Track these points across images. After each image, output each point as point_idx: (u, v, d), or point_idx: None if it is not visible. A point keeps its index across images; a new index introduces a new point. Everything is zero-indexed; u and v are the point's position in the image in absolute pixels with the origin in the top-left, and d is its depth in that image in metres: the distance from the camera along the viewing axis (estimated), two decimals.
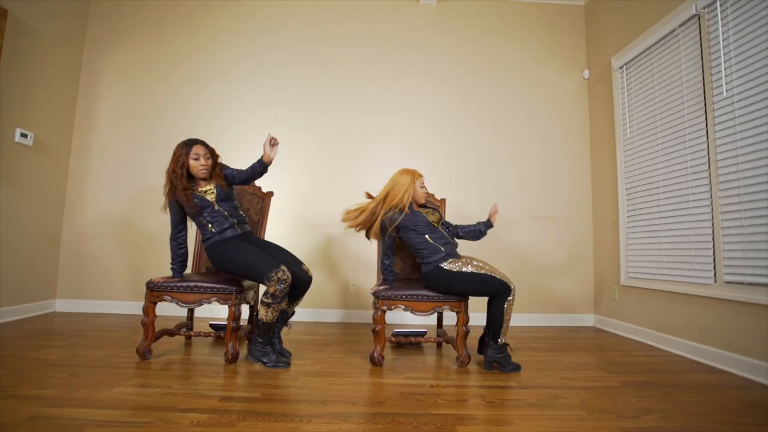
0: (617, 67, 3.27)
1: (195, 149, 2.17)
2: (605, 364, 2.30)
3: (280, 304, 2.07)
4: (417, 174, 2.36)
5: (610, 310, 3.28)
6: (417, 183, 2.34)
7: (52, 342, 2.42)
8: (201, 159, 2.17)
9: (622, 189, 3.20)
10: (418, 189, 2.34)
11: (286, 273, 2.02)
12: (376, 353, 2.18)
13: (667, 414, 1.60)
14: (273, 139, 2.13)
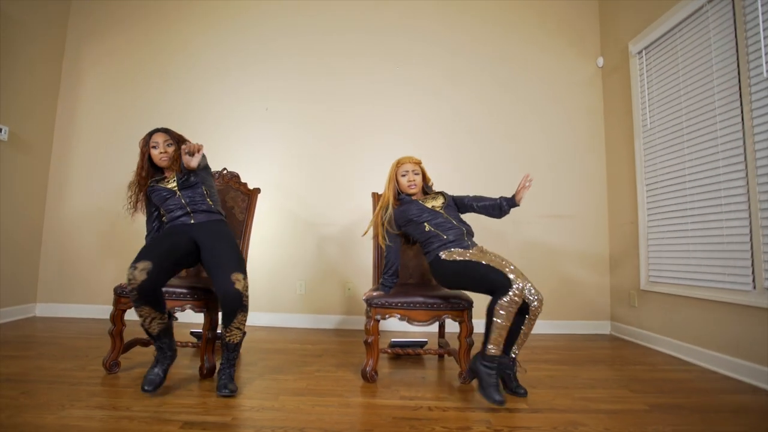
0: (635, 52, 3.00)
1: (153, 138, 1.97)
2: (628, 380, 2.03)
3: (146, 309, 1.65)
4: (398, 162, 2.09)
5: (629, 317, 3.01)
6: (399, 171, 2.07)
7: (18, 352, 2.22)
8: (160, 146, 1.96)
9: (642, 185, 2.92)
10: (399, 178, 2.07)
11: (135, 273, 1.61)
12: (368, 368, 1.95)
13: None
14: (188, 147, 1.75)
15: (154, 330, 1.72)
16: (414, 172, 2.05)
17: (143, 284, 1.61)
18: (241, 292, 1.69)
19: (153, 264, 1.65)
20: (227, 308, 1.70)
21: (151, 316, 1.69)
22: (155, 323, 1.71)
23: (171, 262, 1.74)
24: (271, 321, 3.19)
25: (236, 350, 1.78)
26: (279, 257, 3.26)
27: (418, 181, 2.06)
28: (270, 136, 3.38)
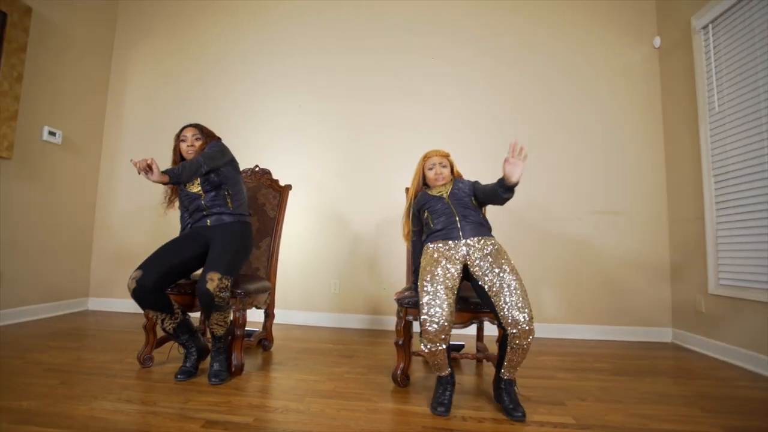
0: (699, 27, 2.67)
1: (183, 132, 2.02)
2: (696, 397, 1.78)
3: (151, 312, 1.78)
4: (425, 155, 1.98)
5: (695, 325, 2.68)
6: (426, 165, 1.95)
7: (64, 343, 2.32)
8: (188, 140, 1.99)
9: (709, 176, 2.60)
10: (427, 172, 1.94)
11: (129, 282, 1.74)
12: (398, 371, 1.83)
13: None
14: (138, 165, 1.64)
15: (169, 328, 1.81)
16: (441, 165, 1.92)
17: (135, 291, 1.73)
18: (210, 292, 1.68)
19: (143, 272, 1.74)
20: (202, 305, 1.73)
21: (159, 317, 1.78)
22: (167, 323, 1.80)
23: (170, 267, 1.81)
24: (305, 320, 3.16)
25: (222, 341, 1.81)
26: (313, 256, 3.23)
27: (446, 174, 1.91)
28: (303, 132, 3.36)
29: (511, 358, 1.52)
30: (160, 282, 1.77)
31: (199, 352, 1.87)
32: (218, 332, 1.80)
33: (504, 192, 1.65)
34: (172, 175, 1.71)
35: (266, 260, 2.41)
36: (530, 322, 1.45)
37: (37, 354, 2.09)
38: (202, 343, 1.89)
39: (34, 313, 2.90)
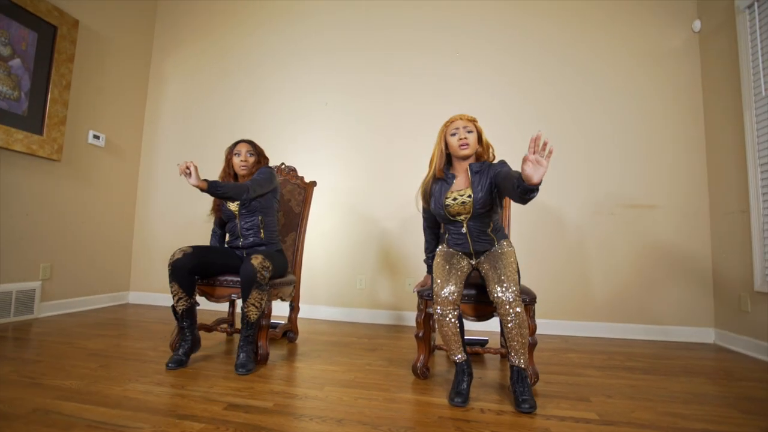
0: (744, 6, 2.51)
1: (237, 147, 2.15)
2: (735, 399, 1.67)
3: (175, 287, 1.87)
4: (448, 120, 1.77)
5: (739, 325, 2.51)
6: (448, 131, 1.75)
7: (106, 332, 2.48)
8: (242, 155, 2.13)
9: (754, 166, 2.43)
10: (449, 138, 1.75)
11: (176, 252, 1.90)
12: (419, 363, 1.84)
13: None
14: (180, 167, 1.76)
15: (180, 308, 1.89)
16: (466, 129, 1.72)
17: (177, 261, 1.86)
18: (254, 267, 1.81)
19: (193, 250, 1.91)
20: (244, 284, 1.83)
21: (178, 294, 1.89)
22: (180, 303, 1.89)
23: (210, 262, 1.97)
24: (331, 315, 3.22)
25: (253, 328, 1.88)
26: (339, 253, 3.28)
27: (472, 139, 1.71)
28: (327, 131, 3.42)
29: (510, 339, 1.53)
30: (197, 267, 1.91)
31: (192, 342, 1.92)
32: (253, 316, 1.86)
33: (524, 193, 1.38)
34: (212, 185, 1.79)
35: (292, 254, 2.48)
36: (513, 301, 1.48)
37: (82, 340, 2.25)
38: (197, 336, 1.95)
39: (81, 304, 3.12)
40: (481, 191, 1.67)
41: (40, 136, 2.75)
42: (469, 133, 1.72)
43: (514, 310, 1.49)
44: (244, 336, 1.89)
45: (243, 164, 2.12)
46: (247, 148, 2.15)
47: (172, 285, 1.87)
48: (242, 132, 3.54)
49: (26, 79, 2.67)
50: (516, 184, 1.40)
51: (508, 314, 1.49)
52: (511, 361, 1.57)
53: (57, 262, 2.94)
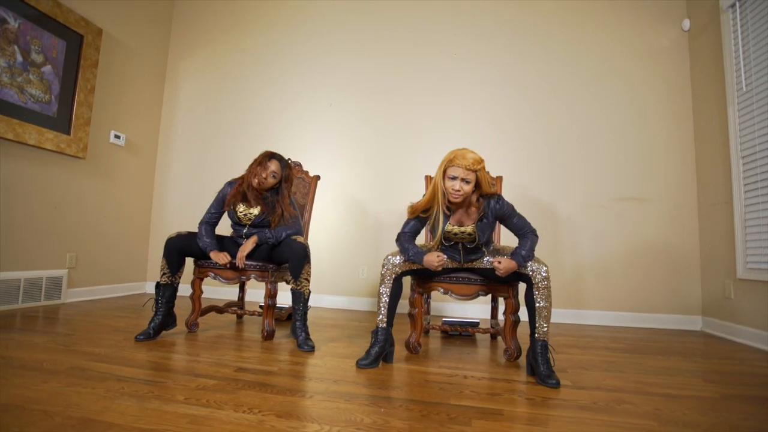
0: (726, 6, 2.62)
1: (269, 164, 2.17)
2: (704, 372, 1.80)
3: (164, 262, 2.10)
4: (451, 159, 1.68)
5: (724, 311, 2.62)
6: (448, 172, 1.70)
7: (127, 314, 2.70)
8: (267, 171, 2.15)
9: (737, 158, 2.54)
10: (447, 180, 1.71)
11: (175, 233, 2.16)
12: (411, 339, 2.00)
13: None
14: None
15: (162, 281, 2.09)
16: (464, 181, 1.67)
17: (170, 240, 2.11)
18: (304, 244, 2.06)
19: (188, 234, 2.17)
20: (294, 261, 2.02)
21: (163, 269, 2.10)
22: (164, 278, 2.10)
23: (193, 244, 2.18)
24: (334, 303, 3.39)
25: (307, 304, 2.07)
26: (343, 244, 3.46)
27: (466, 190, 1.68)
28: (332, 128, 3.61)
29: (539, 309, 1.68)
30: (186, 249, 2.15)
31: (163, 317, 2.06)
32: (306, 289, 2.05)
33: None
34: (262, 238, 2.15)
35: None
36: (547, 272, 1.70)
37: (106, 320, 2.46)
38: (172, 314, 2.13)
39: (102, 292, 3.35)
40: (485, 232, 1.79)
41: (67, 135, 2.99)
42: (466, 184, 1.67)
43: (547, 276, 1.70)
44: (302, 313, 2.05)
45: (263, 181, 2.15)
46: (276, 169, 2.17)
47: (162, 261, 2.09)
48: (253, 129, 3.76)
49: (56, 84, 2.92)
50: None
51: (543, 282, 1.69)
52: (535, 334, 1.67)
53: (81, 252, 3.17)
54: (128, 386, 1.37)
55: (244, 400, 1.30)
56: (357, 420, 1.17)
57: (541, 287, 1.69)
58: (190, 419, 1.14)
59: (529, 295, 1.73)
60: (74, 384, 1.37)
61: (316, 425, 1.13)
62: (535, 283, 1.70)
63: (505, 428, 1.15)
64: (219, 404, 1.25)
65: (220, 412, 1.20)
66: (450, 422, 1.18)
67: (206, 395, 1.32)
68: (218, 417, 1.16)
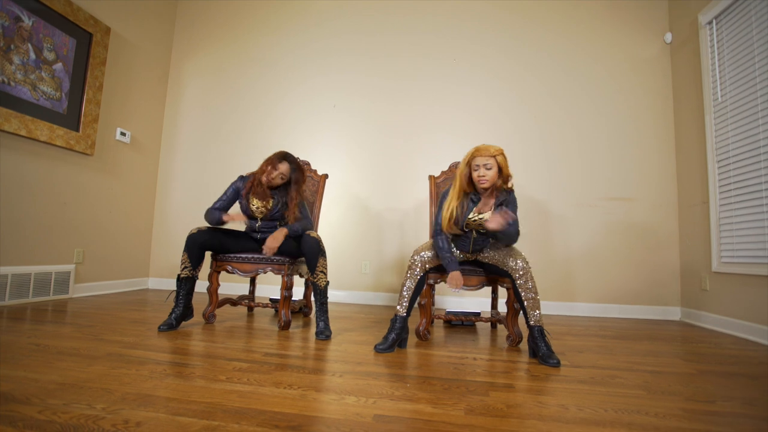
0: (705, 23, 2.85)
1: (280, 166, 2.30)
2: (684, 353, 2.01)
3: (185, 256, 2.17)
4: (473, 152, 1.93)
5: (700, 302, 2.86)
6: (472, 164, 1.93)
7: (139, 307, 2.77)
8: (276, 171, 2.29)
9: (713, 163, 2.77)
10: (472, 172, 1.94)
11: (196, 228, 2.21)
12: (421, 327, 2.15)
13: (753, 401, 1.35)
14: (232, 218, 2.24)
15: (182, 275, 2.17)
16: (486, 167, 1.89)
17: (192, 235, 2.17)
18: (317, 238, 2.17)
19: (209, 229, 2.23)
20: (309, 255, 2.15)
21: (185, 263, 2.17)
22: (185, 271, 2.17)
23: (223, 241, 2.28)
24: (338, 297, 3.52)
25: (325, 295, 2.18)
26: (347, 240, 3.59)
27: (490, 175, 1.89)
28: (337, 128, 3.73)
29: (524, 299, 1.86)
30: (207, 243, 2.21)
31: (183, 309, 2.17)
32: (322, 282, 2.17)
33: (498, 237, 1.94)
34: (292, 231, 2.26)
35: None
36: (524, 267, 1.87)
37: (120, 313, 2.54)
38: (190, 306, 2.21)
39: (108, 287, 3.40)
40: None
41: (77, 132, 3.04)
42: (488, 170, 1.89)
43: (525, 270, 1.86)
44: (320, 304, 2.17)
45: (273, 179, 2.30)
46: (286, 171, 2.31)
47: (183, 254, 2.17)
48: (257, 128, 3.85)
49: (66, 81, 2.96)
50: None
51: (523, 278, 1.86)
52: (530, 322, 1.86)
53: (88, 248, 3.22)
54: (169, 368, 1.48)
55: (281, 379, 1.42)
56: (388, 393, 1.32)
57: (522, 280, 1.86)
58: (239, 394, 1.26)
59: (515, 289, 1.91)
60: (118, 367, 1.48)
61: (353, 397, 1.27)
62: (516, 279, 1.88)
63: (518, 398, 1.32)
64: (259, 382, 1.38)
65: (263, 388, 1.32)
66: (470, 393, 1.34)
67: (245, 375, 1.44)
68: (263, 392, 1.29)
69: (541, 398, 1.31)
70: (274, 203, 2.34)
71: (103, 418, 1.05)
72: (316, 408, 1.18)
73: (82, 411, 1.09)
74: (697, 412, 1.24)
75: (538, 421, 1.14)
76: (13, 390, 1.22)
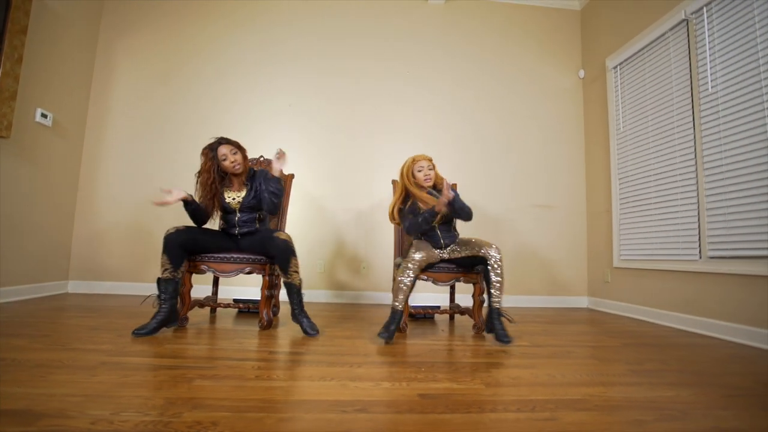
0: (611, 67, 3.55)
1: (220, 151, 2.27)
2: (604, 332, 2.54)
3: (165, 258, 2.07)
4: (413, 159, 2.38)
5: (603, 292, 3.55)
6: (414, 167, 2.37)
7: (82, 314, 2.49)
8: (229, 157, 2.27)
9: (615, 179, 3.47)
10: (416, 173, 2.36)
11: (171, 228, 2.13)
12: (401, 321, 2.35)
13: (666, 362, 1.83)
14: (280, 152, 2.30)
15: (164, 277, 2.06)
16: (429, 168, 2.37)
17: (170, 235, 2.08)
18: (285, 239, 2.16)
19: (186, 228, 2.14)
20: (281, 257, 2.14)
21: (165, 265, 2.07)
22: (166, 273, 2.07)
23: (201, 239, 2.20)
24: None
25: (300, 293, 2.22)
26: (301, 239, 3.59)
27: (432, 175, 2.38)
28: (293, 128, 3.72)
29: (494, 285, 2.16)
30: (187, 243, 2.12)
31: (167, 314, 2.05)
32: (296, 280, 2.19)
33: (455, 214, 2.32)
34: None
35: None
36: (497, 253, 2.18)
37: (66, 320, 2.27)
38: (176, 311, 2.11)
39: (18, 293, 2.90)
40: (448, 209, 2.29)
41: None
42: (430, 170, 2.37)
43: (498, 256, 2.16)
44: (298, 301, 2.21)
45: (236, 165, 2.28)
46: (230, 149, 2.28)
47: (163, 256, 2.06)
48: (202, 123, 3.65)
49: None
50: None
51: (496, 263, 2.15)
52: (493, 303, 2.17)
53: (3, 246, 2.75)
54: (188, 372, 1.46)
55: (308, 373, 1.51)
56: (411, 376, 1.50)
57: (496, 266, 2.18)
58: (280, 390, 1.33)
59: (486, 272, 2.22)
60: (129, 375, 1.40)
61: (387, 383, 1.42)
62: (491, 264, 2.19)
63: (515, 372, 1.60)
64: (292, 377, 1.45)
65: (299, 382, 1.40)
66: (476, 372, 1.59)
67: (271, 373, 1.49)
68: (303, 385, 1.37)
69: (532, 371, 1.62)
70: (248, 190, 2.33)
71: (169, 422, 1.05)
72: (365, 393, 1.31)
73: (139, 418, 1.07)
74: (638, 371, 1.66)
75: (542, 387, 1.43)
76: (32, 406, 1.11)
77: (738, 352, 2.09)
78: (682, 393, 1.41)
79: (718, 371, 1.71)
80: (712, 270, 2.49)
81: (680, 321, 2.70)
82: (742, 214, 2.34)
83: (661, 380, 1.55)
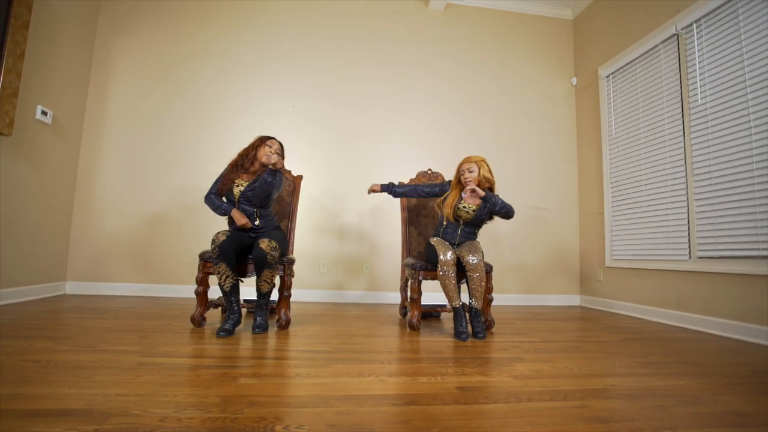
0: (604, 75, 3.72)
1: (269, 142, 2.42)
2: (602, 328, 2.69)
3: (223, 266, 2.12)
4: (463, 160, 2.55)
5: (595, 290, 3.73)
6: (461, 168, 2.54)
7: (91, 315, 2.46)
8: (273, 149, 2.39)
9: (607, 182, 3.65)
10: (460, 174, 2.54)
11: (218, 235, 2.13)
12: (414, 319, 2.43)
13: (667, 355, 1.98)
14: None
15: (228, 286, 2.14)
16: (469, 170, 2.49)
17: (223, 243, 2.10)
18: (264, 251, 2.11)
19: (231, 233, 2.18)
20: (257, 264, 2.15)
21: (225, 273, 2.12)
22: (228, 280, 2.14)
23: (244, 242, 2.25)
24: (296, 297, 3.55)
25: (266, 298, 2.23)
26: (305, 240, 3.63)
27: (472, 178, 2.47)
28: (292, 129, 3.74)
29: (473, 289, 2.30)
30: (238, 248, 2.18)
31: (238, 315, 2.16)
32: (264, 288, 2.20)
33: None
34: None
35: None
36: (478, 263, 2.27)
37: (80, 321, 2.24)
38: (241, 311, 2.22)
39: (16, 295, 2.82)
40: (482, 211, 2.49)
41: None
42: (470, 173, 2.49)
43: (479, 268, 2.27)
44: (258, 304, 2.24)
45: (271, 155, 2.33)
46: (278, 147, 2.43)
47: (220, 265, 2.10)
48: (200, 122, 3.63)
49: None
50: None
51: (475, 271, 2.27)
52: (472, 304, 2.32)
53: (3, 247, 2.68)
54: (229, 371, 1.49)
55: (344, 370, 1.57)
56: (443, 371, 1.58)
57: (474, 273, 2.29)
58: (326, 386, 1.38)
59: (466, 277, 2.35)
60: (172, 375, 1.43)
61: (423, 378, 1.50)
62: (468, 270, 2.31)
63: (535, 366, 1.70)
64: (331, 375, 1.50)
65: (341, 378, 1.46)
66: (500, 366, 1.68)
67: (311, 371, 1.54)
68: (347, 381, 1.43)
69: (551, 364, 1.73)
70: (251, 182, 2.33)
71: (234, 418, 1.10)
72: (407, 388, 1.38)
73: (204, 415, 1.11)
74: (644, 363, 1.80)
75: (565, 378, 1.53)
76: (93, 405, 1.14)
77: (728, 345, 2.26)
78: (691, 382, 1.55)
79: (716, 362, 1.86)
80: (701, 269, 2.68)
81: (671, 317, 2.89)
82: (730, 217, 2.53)
83: (667, 371, 1.69)
